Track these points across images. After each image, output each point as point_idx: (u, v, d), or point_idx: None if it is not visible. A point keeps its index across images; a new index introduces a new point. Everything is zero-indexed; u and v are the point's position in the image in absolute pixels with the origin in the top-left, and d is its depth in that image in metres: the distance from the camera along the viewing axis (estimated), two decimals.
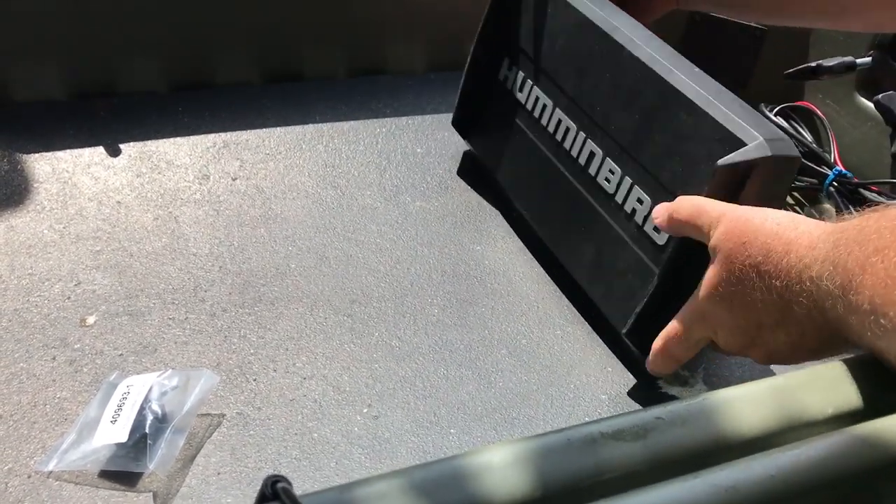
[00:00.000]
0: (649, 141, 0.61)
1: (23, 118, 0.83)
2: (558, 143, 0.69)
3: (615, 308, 0.64)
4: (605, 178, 0.64)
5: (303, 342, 0.64)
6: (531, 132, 0.73)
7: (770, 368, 0.64)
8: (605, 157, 0.64)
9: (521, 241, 0.77)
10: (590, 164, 0.66)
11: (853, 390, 0.39)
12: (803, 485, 0.33)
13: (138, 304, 0.66)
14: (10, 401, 0.57)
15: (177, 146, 0.82)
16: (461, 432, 0.59)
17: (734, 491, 0.32)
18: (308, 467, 0.55)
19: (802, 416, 0.37)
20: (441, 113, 0.91)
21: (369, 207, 0.78)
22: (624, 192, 0.62)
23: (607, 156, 0.64)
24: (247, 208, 0.77)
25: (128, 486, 0.53)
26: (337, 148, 0.85)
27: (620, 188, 0.63)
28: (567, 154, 0.68)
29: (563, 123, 0.69)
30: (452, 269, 0.73)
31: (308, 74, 0.94)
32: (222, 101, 0.88)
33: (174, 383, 0.57)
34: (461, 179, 0.83)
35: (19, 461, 0.54)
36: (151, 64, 0.87)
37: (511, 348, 0.66)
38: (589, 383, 0.63)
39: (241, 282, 0.69)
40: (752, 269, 0.48)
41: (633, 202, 0.62)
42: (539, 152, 0.72)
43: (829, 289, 0.41)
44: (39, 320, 0.63)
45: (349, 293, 0.69)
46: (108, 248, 0.71)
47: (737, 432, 0.36)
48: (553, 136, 0.70)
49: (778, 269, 0.46)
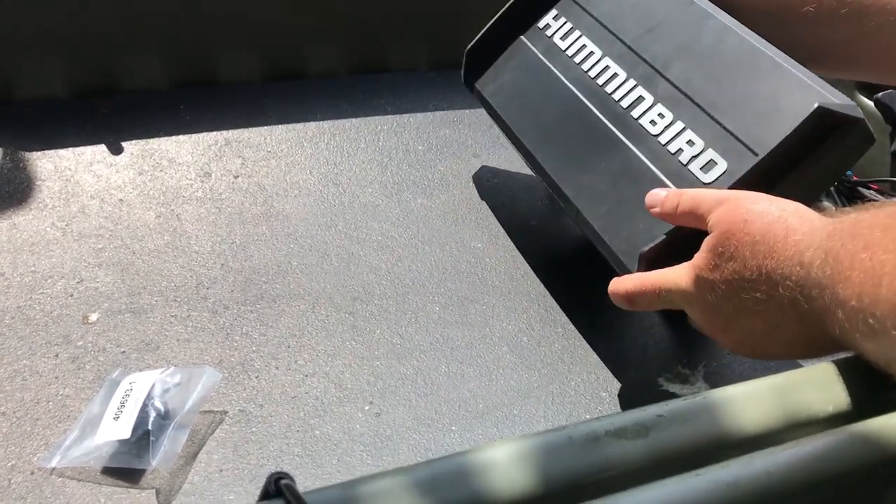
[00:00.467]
0: (723, 93, 0.61)
1: (25, 116, 0.83)
2: (598, 86, 0.70)
3: (626, 243, 0.62)
4: (651, 120, 0.64)
5: (304, 339, 0.65)
6: (565, 76, 0.73)
7: (770, 367, 0.64)
8: (655, 102, 0.65)
9: (523, 238, 0.77)
10: (634, 107, 0.66)
11: (853, 389, 0.39)
12: (803, 482, 0.33)
13: (141, 302, 0.66)
14: (13, 398, 0.58)
15: (179, 144, 0.82)
16: (462, 430, 0.59)
17: (734, 487, 0.32)
18: (310, 464, 0.55)
19: (802, 414, 0.38)
20: (442, 110, 0.91)
21: (371, 205, 0.79)
22: (671, 134, 0.63)
23: (658, 101, 0.65)
24: (248, 206, 0.77)
25: (130, 483, 0.53)
26: (338, 145, 0.85)
27: (667, 131, 0.63)
28: (607, 96, 0.68)
29: (610, 70, 0.69)
30: (454, 266, 0.73)
31: (310, 72, 0.94)
32: (224, 98, 0.88)
33: (177, 380, 0.57)
34: (462, 177, 0.83)
35: (22, 458, 0.54)
36: (153, 62, 0.88)
37: (512, 346, 0.66)
38: (590, 381, 0.64)
39: (243, 279, 0.69)
40: (747, 247, 0.47)
41: (681, 143, 0.62)
42: (570, 95, 0.72)
43: (818, 277, 0.41)
44: (42, 318, 0.64)
45: (351, 291, 0.69)
46: (110, 246, 0.71)
47: (737, 430, 0.36)
48: (593, 80, 0.70)
49: (772, 250, 0.46)
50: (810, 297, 0.42)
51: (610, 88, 0.69)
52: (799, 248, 0.44)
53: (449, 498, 0.31)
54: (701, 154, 0.60)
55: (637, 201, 0.61)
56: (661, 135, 0.63)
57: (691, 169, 0.60)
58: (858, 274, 0.37)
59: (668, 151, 0.62)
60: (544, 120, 0.73)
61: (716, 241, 0.50)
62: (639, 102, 0.66)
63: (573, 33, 0.74)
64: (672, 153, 0.62)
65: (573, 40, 0.73)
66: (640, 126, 0.65)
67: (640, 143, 0.64)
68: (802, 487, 0.33)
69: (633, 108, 0.66)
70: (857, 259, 0.38)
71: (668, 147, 0.62)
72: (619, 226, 0.62)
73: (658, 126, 0.64)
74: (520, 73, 0.77)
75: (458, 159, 0.86)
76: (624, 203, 0.63)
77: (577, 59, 0.72)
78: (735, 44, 0.62)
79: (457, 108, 0.92)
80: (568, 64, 0.73)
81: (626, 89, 0.67)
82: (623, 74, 0.68)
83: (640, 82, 0.67)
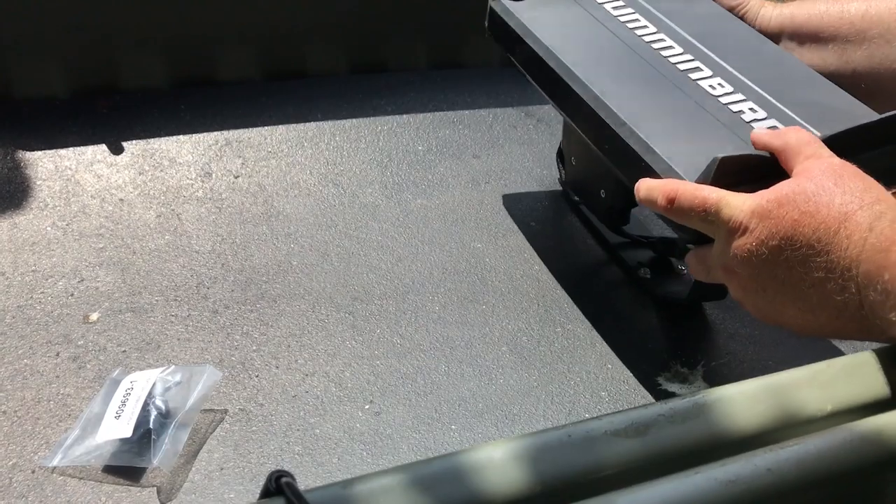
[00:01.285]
0: (784, 90, 0.61)
1: (25, 116, 0.83)
2: (654, 49, 0.67)
3: (683, 157, 0.56)
4: (710, 85, 0.63)
5: (305, 339, 0.65)
6: (618, 34, 0.70)
7: (770, 366, 0.65)
8: (714, 75, 0.64)
9: (522, 238, 0.77)
10: (692, 73, 0.64)
11: (851, 388, 0.39)
12: (802, 481, 0.33)
13: (141, 301, 0.66)
14: (14, 397, 0.58)
15: (179, 144, 0.82)
16: (462, 429, 0.59)
17: (733, 486, 0.32)
18: (310, 463, 0.56)
19: (801, 412, 0.38)
20: (442, 111, 0.91)
21: (371, 205, 0.79)
22: (731, 100, 0.61)
23: (717, 76, 0.64)
24: (249, 206, 0.77)
25: (132, 482, 0.53)
26: (338, 145, 0.85)
27: (727, 97, 0.61)
28: (663, 58, 0.66)
29: (665, 41, 0.68)
30: (453, 266, 0.73)
31: (310, 72, 0.94)
32: (224, 98, 0.89)
33: (177, 379, 0.57)
34: (462, 177, 0.84)
35: (24, 457, 0.54)
36: (154, 61, 0.88)
37: (512, 345, 0.66)
38: (589, 380, 0.64)
39: (244, 279, 0.69)
40: (822, 215, 0.44)
41: (743, 107, 0.60)
42: (620, 46, 0.68)
43: (889, 289, 0.39)
44: (43, 317, 0.64)
45: (351, 290, 0.69)
46: (110, 246, 0.71)
47: (736, 429, 0.36)
48: (648, 44, 0.68)
49: (849, 238, 0.43)
50: (874, 304, 0.41)
51: (666, 53, 0.66)
52: (877, 247, 0.41)
53: (449, 496, 0.31)
54: (764, 121, 0.58)
55: (696, 130, 0.58)
56: (721, 97, 0.61)
57: (755, 128, 0.57)
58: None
59: (730, 109, 0.60)
60: (589, 48, 0.68)
61: (797, 181, 0.47)
62: (696, 71, 0.64)
63: (626, 9, 0.72)
64: (733, 112, 0.59)
65: (627, 12, 0.71)
66: (698, 85, 0.62)
67: (698, 96, 0.62)
68: (802, 486, 0.34)
69: (690, 73, 0.64)
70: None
71: (729, 107, 0.60)
72: (676, 144, 0.57)
73: (717, 91, 0.62)
74: (563, 12, 0.72)
75: (458, 160, 0.86)
76: (682, 127, 0.59)
77: (631, 26, 0.70)
78: (790, 63, 0.64)
79: (457, 109, 0.92)
80: (621, 29, 0.70)
81: (684, 58, 0.65)
82: (679, 48, 0.66)
83: (697, 57, 0.65)
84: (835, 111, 0.58)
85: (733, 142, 0.57)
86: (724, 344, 0.68)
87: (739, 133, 0.57)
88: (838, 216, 0.44)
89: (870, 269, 0.41)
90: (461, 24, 0.80)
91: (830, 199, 0.45)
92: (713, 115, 0.59)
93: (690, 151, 0.56)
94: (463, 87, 0.95)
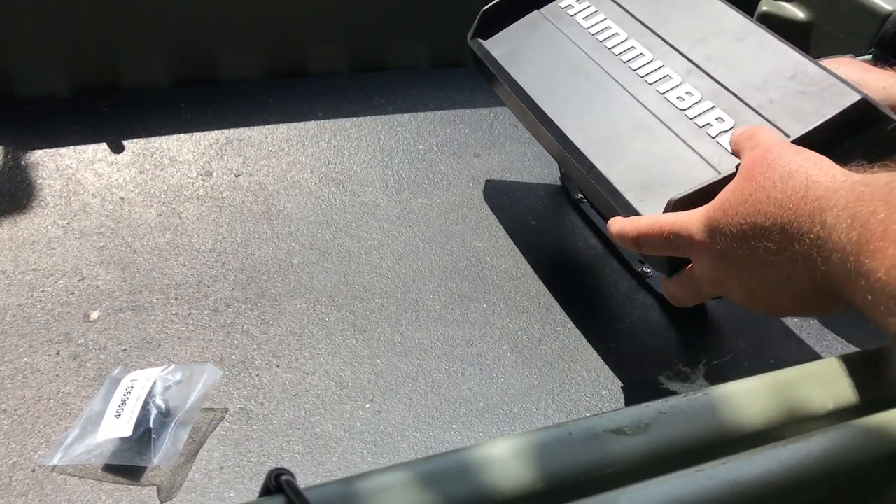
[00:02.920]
0: (753, 83, 0.61)
1: (26, 114, 0.83)
2: (623, 62, 0.68)
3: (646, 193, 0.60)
4: (678, 97, 0.64)
5: (305, 338, 0.65)
6: (587, 50, 0.71)
7: (772, 364, 0.64)
8: (682, 82, 0.64)
9: (523, 237, 0.77)
10: (660, 83, 0.65)
11: (853, 385, 0.39)
12: (804, 478, 0.33)
13: (142, 300, 0.66)
14: (15, 395, 0.58)
15: (180, 142, 0.82)
16: (463, 427, 0.59)
17: (735, 484, 0.32)
18: (310, 462, 0.56)
19: (803, 410, 0.37)
20: (443, 109, 0.91)
21: (371, 204, 0.79)
22: (699, 110, 0.62)
23: (686, 82, 0.64)
24: (249, 204, 0.77)
25: (132, 481, 0.53)
26: (339, 144, 0.85)
27: (695, 107, 0.62)
28: (631, 71, 0.67)
29: (635, 49, 0.69)
30: (454, 265, 0.73)
31: (311, 70, 0.94)
32: (225, 97, 0.89)
33: (178, 378, 0.57)
34: (463, 176, 0.83)
35: (24, 455, 0.54)
36: (155, 60, 0.88)
37: (512, 344, 0.66)
38: (590, 379, 0.64)
39: (244, 277, 0.69)
40: (763, 192, 0.46)
41: (710, 119, 0.61)
42: (590, 65, 0.70)
43: (841, 242, 0.39)
44: (43, 315, 0.64)
45: (351, 289, 0.69)
46: (111, 244, 0.71)
47: (738, 427, 0.36)
48: (617, 56, 0.69)
49: (790, 202, 0.44)
50: (828, 260, 0.41)
51: (635, 65, 0.67)
52: (820, 206, 0.42)
53: (449, 494, 0.31)
54: (731, 130, 0.58)
55: (656, 156, 0.60)
56: (688, 110, 0.62)
57: (720, 141, 0.59)
58: (893, 246, 0.36)
59: (696, 125, 0.61)
60: (559, 79, 0.70)
61: (735, 183, 0.48)
62: (665, 80, 0.65)
63: (597, 15, 0.73)
64: (700, 126, 0.61)
65: (597, 21, 0.73)
66: (666, 99, 0.64)
67: (667, 115, 0.63)
68: (803, 483, 0.33)
69: (658, 84, 0.65)
70: (892, 231, 0.36)
71: (695, 121, 0.61)
72: (639, 181, 0.60)
73: (686, 102, 0.63)
74: (536, 42, 0.75)
75: (459, 159, 0.86)
76: (642, 157, 0.61)
77: (601, 38, 0.71)
78: (768, 45, 0.62)
79: (458, 108, 0.92)
80: (591, 41, 0.71)
81: (653, 67, 0.66)
82: (649, 55, 0.67)
83: (666, 63, 0.66)
84: (810, 103, 0.57)
85: (697, 169, 0.58)
86: (726, 342, 0.68)
87: (706, 152, 0.59)
88: (775, 209, 0.45)
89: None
90: (462, 23, 0.80)
91: (763, 195, 0.46)
92: (680, 138, 0.61)
93: (655, 186, 0.58)
94: (464, 86, 0.94)
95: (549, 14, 0.76)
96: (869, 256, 0.37)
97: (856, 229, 0.39)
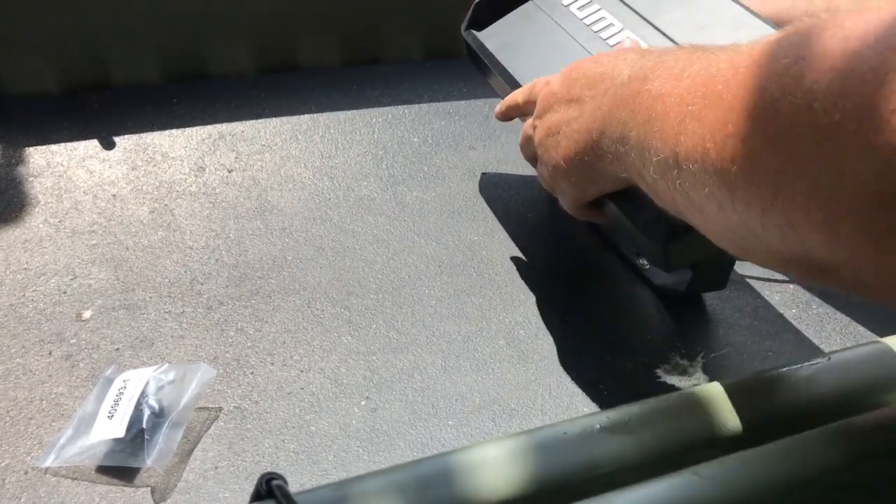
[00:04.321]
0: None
1: (16, 112, 0.82)
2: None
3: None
4: None
5: (300, 335, 0.64)
6: (582, 42, 0.71)
7: (770, 356, 0.64)
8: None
9: (519, 230, 0.76)
10: None
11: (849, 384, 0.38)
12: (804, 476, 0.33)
13: (134, 298, 0.66)
14: (7, 397, 0.57)
15: (172, 138, 0.82)
16: (459, 424, 0.58)
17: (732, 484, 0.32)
18: (306, 460, 0.55)
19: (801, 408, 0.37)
20: (438, 101, 0.90)
21: (366, 198, 0.78)
22: None
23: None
24: (243, 200, 0.76)
25: (125, 482, 0.53)
26: (333, 138, 0.84)
27: None
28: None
29: (631, 40, 0.67)
30: (450, 259, 0.72)
31: (303, 64, 0.93)
32: (217, 92, 0.88)
33: (171, 377, 0.57)
34: (458, 169, 0.83)
35: (16, 457, 0.54)
36: (145, 55, 0.87)
37: (509, 339, 0.65)
38: (588, 373, 0.63)
39: (238, 274, 0.69)
40: (579, 69, 0.55)
41: None
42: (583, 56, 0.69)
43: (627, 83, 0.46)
44: (35, 315, 0.63)
45: (346, 285, 0.69)
46: (103, 242, 0.70)
47: (735, 425, 0.36)
48: (609, 45, 0.69)
49: (598, 70, 0.52)
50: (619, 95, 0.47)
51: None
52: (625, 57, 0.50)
53: (441, 497, 0.31)
54: None
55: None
56: None
57: None
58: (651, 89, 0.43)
59: None
60: (554, 70, 0.68)
61: (558, 75, 0.57)
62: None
63: (592, 5, 0.72)
64: None
65: (591, 11, 0.72)
66: None
67: None
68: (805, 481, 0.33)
69: None
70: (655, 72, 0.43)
71: None
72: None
73: None
74: (530, 33, 0.75)
75: (454, 151, 0.85)
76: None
77: (596, 28, 0.71)
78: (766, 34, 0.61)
79: (452, 100, 0.91)
80: (586, 32, 0.71)
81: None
82: (644, 45, 0.66)
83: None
84: None
85: None
86: (724, 335, 0.67)
87: None
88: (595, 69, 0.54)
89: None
90: (456, 15, 0.79)
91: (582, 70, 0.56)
92: None
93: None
94: (458, 78, 0.94)
95: (543, 4, 0.75)
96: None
97: (637, 73, 0.46)
